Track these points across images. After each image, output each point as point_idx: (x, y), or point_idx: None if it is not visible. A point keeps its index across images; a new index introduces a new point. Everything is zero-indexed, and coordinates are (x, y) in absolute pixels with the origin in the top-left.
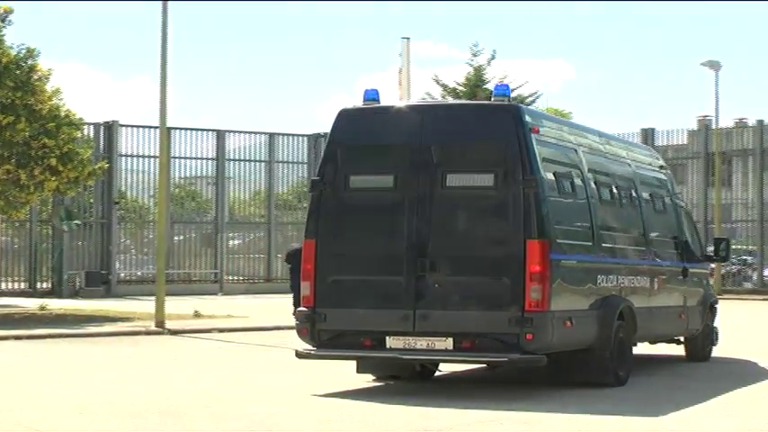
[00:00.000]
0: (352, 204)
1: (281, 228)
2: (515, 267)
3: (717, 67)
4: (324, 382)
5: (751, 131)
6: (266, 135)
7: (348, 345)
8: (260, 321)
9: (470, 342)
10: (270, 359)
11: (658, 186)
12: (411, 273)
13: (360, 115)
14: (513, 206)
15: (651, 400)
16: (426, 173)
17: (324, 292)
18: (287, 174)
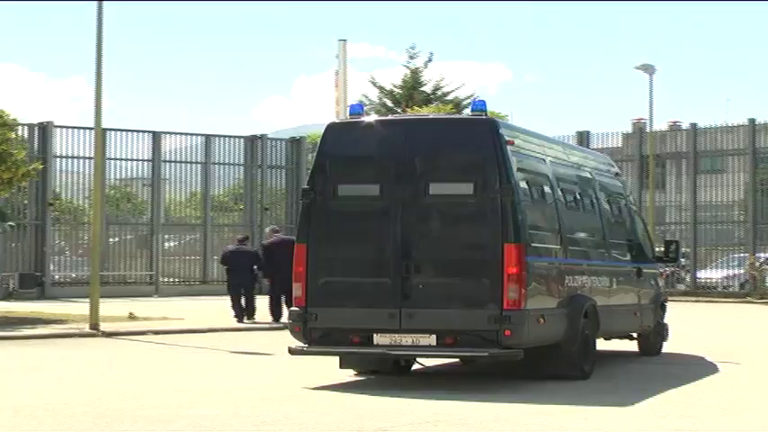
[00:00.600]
0: (340, 212)
1: (217, 229)
2: (494, 269)
3: (651, 70)
4: (259, 385)
5: (684, 135)
6: (202, 137)
7: (338, 342)
8: (195, 323)
9: (453, 338)
10: (205, 361)
11: (614, 192)
12: (397, 275)
13: (346, 129)
14: (491, 212)
15: (615, 391)
16: (410, 182)
17: (314, 292)
18: (223, 175)
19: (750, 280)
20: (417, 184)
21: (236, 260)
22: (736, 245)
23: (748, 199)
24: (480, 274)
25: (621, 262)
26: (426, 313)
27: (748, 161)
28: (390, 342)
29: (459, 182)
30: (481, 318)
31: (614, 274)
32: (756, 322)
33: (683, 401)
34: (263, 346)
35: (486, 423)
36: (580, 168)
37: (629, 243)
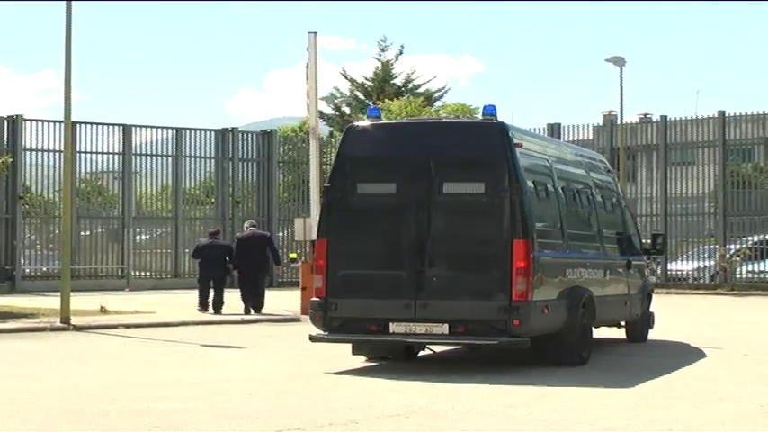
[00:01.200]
0: (359, 208)
1: (188, 223)
2: (503, 263)
3: (621, 63)
4: (231, 378)
5: (655, 127)
6: (173, 130)
7: (356, 330)
8: (166, 317)
9: (464, 327)
10: (176, 355)
11: (607, 188)
12: (412, 268)
13: (366, 131)
14: (500, 210)
15: (614, 376)
16: (425, 181)
17: (334, 284)
18: (194, 168)
19: (720, 272)
20: (432, 183)
21: (208, 253)
22: (706, 237)
23: (718, 191)
24: (490, 268)
25: (614, 255)
26: (439, 304)
27: (718, 153)
28: (405, 330)
29: (471, 181)
30: (491, 308)
31: (608, 266)
32: (730, 313)
33: (658, 392)
34: (235, 339)
35: (457, 415)
36: (576, 166)
37: (620, 236)
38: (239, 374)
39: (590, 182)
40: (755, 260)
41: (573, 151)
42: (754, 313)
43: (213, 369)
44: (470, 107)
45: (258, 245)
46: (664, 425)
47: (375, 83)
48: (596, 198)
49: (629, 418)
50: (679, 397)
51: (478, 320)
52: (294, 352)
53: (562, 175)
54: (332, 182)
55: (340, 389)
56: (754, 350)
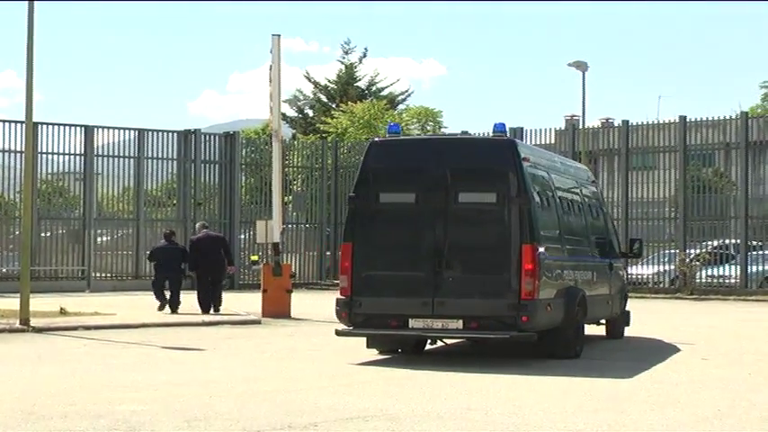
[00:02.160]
0: (381, 216)
1: (150, 224)
2: (513, 265)
3: (584, 67)
4: (191, 380)
5: (617, 131)
6: (135, 131)
7: (378, 325)
8: (127, 319)
9: (477, 323)
10: (136, 357)
11: (592, 196)
12: (430, 269)
13: (388, 145)
14: (510, 218)
15: (606, 368)
16: (442, 191)
17: (359, 284)
18: (156, 170)
19: (680, 276)
20: (448, 193)
21: (164, 256)
22: (666, 241)
23: (679, 196)
24: (501, 269)
25: (599, 257)
26: (455, 302)
27: (679, 158)
28: (423, 326)
29: (484, 192)
30: (502, 306)
31: (595, 268)
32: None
33: (617, 395)
34: (196, 341)
35: (416, 418)
36: (569, 177)
37: (603, 240)
38: (199, 377)
39: (579, 191)
40: (715, 265)
41: (565, 163)
42: (712, 317)
43: (173, 371)
44: (434, 110)
45: (213, 246)
46: (621, 428)
47: (338, 85)
48: (585, 205)
49: (587, 421)
50: (637, 400)
51: (490, 317)
52: (255, 354)
53: (558, 186)
54: (357, 191)
55: (300, 391)
56: (713, 354)
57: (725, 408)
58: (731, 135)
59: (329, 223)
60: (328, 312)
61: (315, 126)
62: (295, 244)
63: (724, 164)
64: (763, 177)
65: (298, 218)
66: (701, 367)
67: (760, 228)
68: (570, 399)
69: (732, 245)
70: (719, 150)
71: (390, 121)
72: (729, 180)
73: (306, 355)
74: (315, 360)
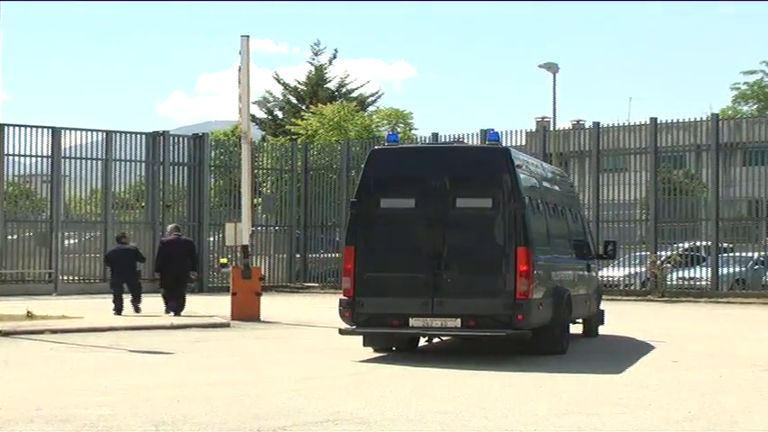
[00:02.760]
0: (382, 220)
1: (118, 227)
2: (508, 267)
3: (554, 69)
4: (159, 384)
5: (588, 133)
6: (103, 133)
7: (380, 324)
8: (94, 322)
9: (474, 321)
10: (104, 360)
11: (572, 200)
12: (429, 271)
13: (387, 153)
14: (505, 222)
15: (578, 370)
16: (440, 197)
17: (361, 285)
18: (125, 172)
19: (651, 278)
20: (446, 199)
21: (117, 259)
22: (637, 243)
23: (650, 198)
24: (497, 271)
25: (579, 259)
26: (453, 301)
27: (650, 160)
28: (423, 324)
29: (480, 197)
30: (498, 305)
31: (576, 269)
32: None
33: (587, 398)
34: (164, 345)
35: (385, 422)
36: (553, 182)
37: (581, 242)
38: (168, 380)
39: (562, 195)
40: (686, 267)
41: (549, 169)
42: (683, 320)
43: (141, 375)
44: (404, 112)
45: (181, 250)
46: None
47: (308, 87)
48: (566, 209)
49: (557, 424)
50: (607, 403)
51: (487, 315)
52: (224, 358)
53: (545, 191)
54: (358, 197)
55: (270, 395)
56: (684, 356)
57: (695, 410)
58: (702, 137)
59: (299, 226)
60: (298, 315)
61: (284, 128)
62: (264, 246)
63: (695, 166)
64: (733, 179)
65: (267, 220)
66: (671, 369)
67: (731, 230)
68: (541, 401)
69: (703, 247)
70: (690, 152)
71: (360, 122)
72: (700, 182)
73: (275, 358)
74: (284, 363)
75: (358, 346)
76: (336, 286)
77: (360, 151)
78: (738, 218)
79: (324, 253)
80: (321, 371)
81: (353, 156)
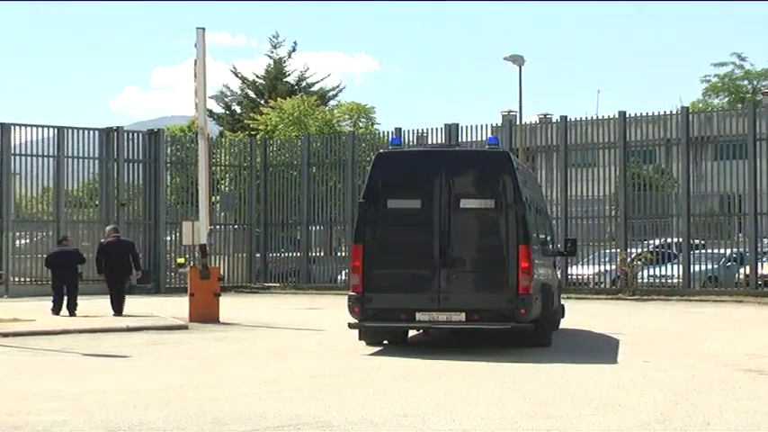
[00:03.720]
0: (389, 220)
1: (71, 226)
2: (511, 263)
3: (520, 61)
4: (115, 389)
5: (555, 127)
6: (54, 129)
7: (388, 318)
8: (47, 325)
9: (478, 315)
10: (57, 364)
11: (540, 197)
12: (435, 267)
13: (394, 156)
14: (507, 221)
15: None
16: (445, 198)
17: (370, 281)
18: (77, 169)
19: (622, 276)
20: (450, 200)
21: (57, 261)
22: (607, 240)
23: (619, 193)
24: (500, 267)
25: (550, 255)
26: (458, 296)
27: (619, 155)
28: (429, 318)
29: (483, 198)
30: (501, 300)
31: (550, 265)
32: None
33: (557, 399)
34: (120, 348)
35: (349, 425)
36: (532, 181)
37: (548, 239)
38: (123, 385)
39: (534, 192)
40: (656, 264)
41: (526, 167)
42: (654, 318)
43: (96, 379)
44: (366, 106)
45: (121, 251)
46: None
47: (267, 81)
48: (537, 206)
49: (526, 427)
50: (577, 404)
51: (490, 310)
52: (182, 361)
53: (533, 192)
54: (366, 198)
55: (230, 399)
56: (655, 356)
57: (668, 411)
58: (672, 131)
59: (259, 224)
60: (258, 316)
61: (243, 123)
62: (223, 246)
63: (665, 160)
64: (704, 174)
65: (226, 218)
66: (643, 369)
67: (702, 226)
68: (510, 402)
69: (674, 243)
70: (660, 146)
71: (321, 117)
72: (671, 177)
73: (235, 361)
74: (244, 365)
75: (321, 348)
76: (298, 286)
77: (320, 147)
78: (710, 213)
79: (284, 252)
80: (283, 373)
81: (314, 151)
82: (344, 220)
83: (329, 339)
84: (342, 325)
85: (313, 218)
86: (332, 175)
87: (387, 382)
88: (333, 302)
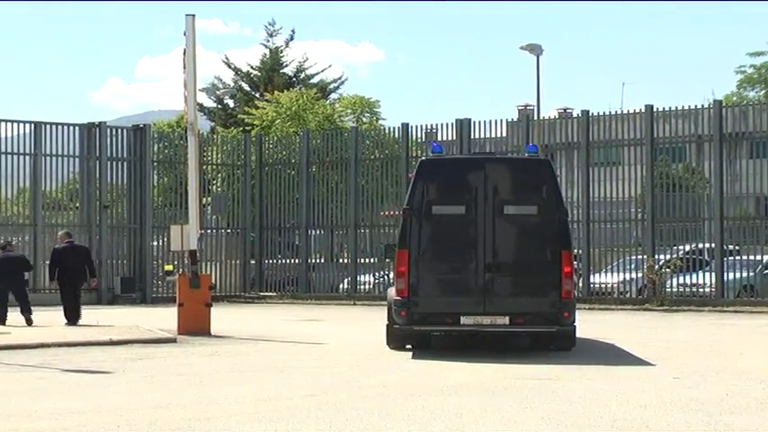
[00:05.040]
0: (434, 226)
1: (49, 230)
2: (554, 268)
3: (538, 51)
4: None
5: (576, 123)
6: (31, 124)
7: (434, 322)
8: (23, 338)
9: (522, 319)
10: (34, 381)
11: None
12: (480, 272)
13: (437, 163)
14: (550, 227)
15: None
16: (489, 204)
17: (416, 286)
18: (56, 169)
19: (649, 285)
20: (494, 206)
21: (3, 267)
22: (633, 246)
23: (646, 194)
24: (543, 272)
25: None
26: (503, 300)
27: (646, 152)
28: (474, 322)
29: (526, 204)
30: (545, 303)
31: None
32: (659, 331)
33: (579, 419)
34: (102, 363)
35: None
36: None
37: None
38: (106, 403)
39: None
40: (687, 272)
41: None
42: (685, 331)
43: (76, 397)
44: (370, 100)
45: (75, 257)
46: None
47: (262, 72)
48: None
49: None
50: (601, 426)
51: (535, 313)
52: (170, 377)
53: None
54: (410, 204)
55: (220, 419)
56: (685, 372)
57: None
58: (703, 126)
59: (254, 228)
60: (253, 329)
61: (236, 118)
62: (215, 252)
63: (696, 158)
64: (739, 173)
65: (218, 222)
66: (672, 387)
67: (737, 230)
68: (526, 424)
69: (706, 249)
70: (691, 143)
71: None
72: (702, 177)
73: (228, 378)
74: (238, 382)
75: (321, 363)
76: (296, 296)
77: (321, 144)
78: (745, 216)
79: (282, 258)
80: (279, 391)
81: (314, 149)
82: (347, 224)
83: (331, 354)
84: (345, 338)
85: (313, 221)
86: (333, 175)
87: (393, 399)
88: (334, 314)
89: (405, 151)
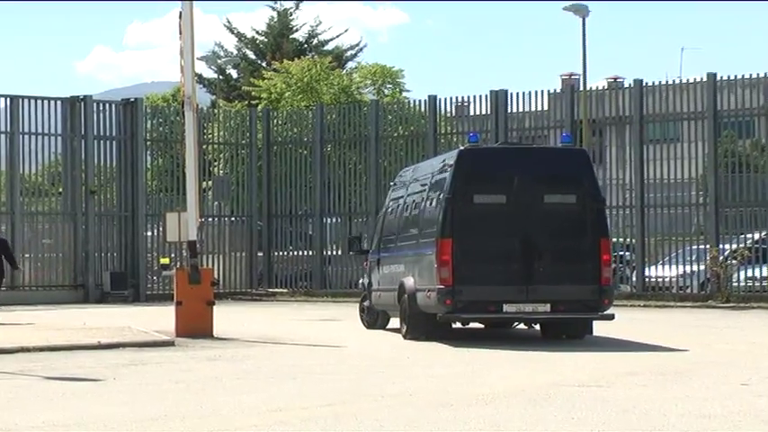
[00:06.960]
0: (476, 215)
1: (28, 219)
2: (593, 256)
3: (584, 12)
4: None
5: (628, 94)
6: (6, 98)
7: (477, 310)
8: (1, 341)
9: (564, 306)
10: (13, 390)
11: None
12: (522, 261)
13: (476, 153)
14: (589, 216)
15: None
16: (529, 193)
17: (459, 274)
18: (36, 149)
19: (712, 278)
20: (534, 195)
21: None
22: (694, 234)
23: (708, 176)
24: (583, 260)
25: None
26: (545, 288)
27: (708, 127)
28: (516, 310)
29: (565, 194)
30: (585, 291)
31: None
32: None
33: None
34: (89, 369)
35: None
36: None
37: None
38: (94, 414)
39: None
40: (756, 264)
41: None
42: (753, 331)
43: (60, 408)
44: (392, 69)
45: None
46: None
47: (269, 38)
48: None
49: None
50: None
51: (575, 301)
52: (167, 385)
53: None
54: (452, 193)
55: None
56: (755, 379)
57: None
58: None
59: (261, 215)
60: (261, 330)
61: (240, 90)
62: (217, 243)
63: (766, 134)
64: None
65: (220, 209)
66: (740, 395)
67: None
68: None
69: None
70: (759, 117)
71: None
72: None
73: (233, 385)
74: (243, 391)
75: (338, 368)
76: (310, 293)
77: (336, 119)
78: None
79: (293, 250)
80: (291, 400)
81: (329, 125)
82: (367, 211)
83: (349, 358)
84: (365, 340)
85: (328, 208)
86: (351, 155)
87: (421, 410)
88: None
89: (432, 127)
